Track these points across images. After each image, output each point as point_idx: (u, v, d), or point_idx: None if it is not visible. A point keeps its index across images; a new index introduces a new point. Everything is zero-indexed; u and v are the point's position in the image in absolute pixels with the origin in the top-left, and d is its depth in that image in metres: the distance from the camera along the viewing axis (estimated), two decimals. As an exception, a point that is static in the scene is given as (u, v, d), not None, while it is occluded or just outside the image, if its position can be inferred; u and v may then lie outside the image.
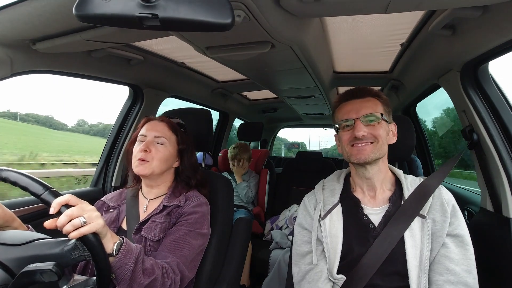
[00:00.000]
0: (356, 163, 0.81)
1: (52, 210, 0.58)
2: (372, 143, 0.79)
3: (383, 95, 0.86)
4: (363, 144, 0.79)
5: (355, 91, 0.85)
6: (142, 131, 0.97)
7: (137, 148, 0.94)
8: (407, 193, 0.80)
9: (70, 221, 0.58)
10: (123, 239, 0.69)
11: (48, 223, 0.60)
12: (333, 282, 0.79)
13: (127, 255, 0.67)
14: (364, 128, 0.79)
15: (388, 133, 0.84)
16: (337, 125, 0.86)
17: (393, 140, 0.86)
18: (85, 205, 0.62)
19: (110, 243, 0.66)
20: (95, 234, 0.61)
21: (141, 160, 0.91)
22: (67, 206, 0.59)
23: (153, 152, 0.92)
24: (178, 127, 1.02)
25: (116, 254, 0.66)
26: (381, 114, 0.81)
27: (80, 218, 0.58)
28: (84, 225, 0.59)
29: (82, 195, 1.50)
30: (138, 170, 0.91)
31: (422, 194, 0.78)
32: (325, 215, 0.84)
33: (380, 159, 0.82)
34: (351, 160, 0.82)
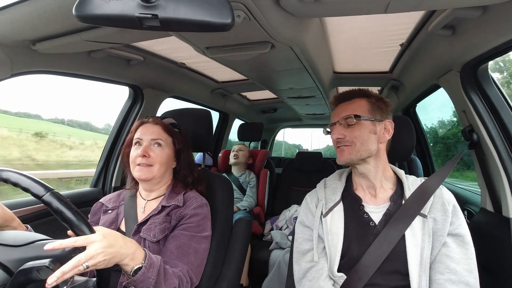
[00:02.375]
0: (339, 164, 0.86)
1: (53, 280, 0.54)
2: (349, 145, 0.82)
3: (373, 94, 0.86)
4: (342, 146, 0.83)
5: (343, 94, 0.88)
6: (137, 134, 0.94)
7: (134, 153, 0.92)
8: (408, 192, 0.80)
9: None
10: (144, 251, 0.69)
11: (48, 247, 0.56)
12: (334, 280, 0.79)
13: (150, 269, 0.67)
14: (341, 131, 0.83)
15: (376, 132, 0.82)
16: (328, 129, 0.90)
17: (387, 137, 0.85)
18: (92, 249, 0.58)
19: (129, 266, 0.66)
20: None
21: (142, 165, 0.90)
22: (78, 249, 0.58)
23: (153, 156, 0.91)
24: (173, 128, 1.00)
25: (140, 269, 0.67)
26: (359, 116, 0.81)
27: (84, 265, 0.56)
28: (86, 269, 0.57)
29: (82, 196, 1.52)
30: (139, 175, 0.90)
31: (423, 194, 0.79)
32: (327, 213, 0.84)
33: (371, 158, 0.82)
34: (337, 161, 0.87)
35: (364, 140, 0.81)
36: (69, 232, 0.61)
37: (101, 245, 0.59)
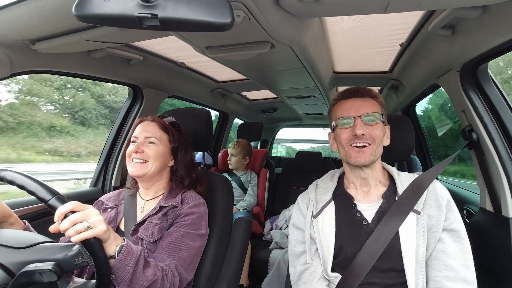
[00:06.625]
0: (354, 165, 0.81)
1: (56, 219, 0.59)
2: (370, 144, 0.79)
3: (380, 97, 0.86)
4: (362, 145, 0.78)
5: (356, 90, 0.84)
6: (135, 132, 0.97)
7: (129, 150, 0.94)
8: (401, 188, 0.80)
9: (73, 225, 0.59)
10: (124, 240, 0.69)
11: (53, 228, 0.61)
12: (329, 281, 0.79)
13: (127, 256, 0.67)
14: (364, 127, 0.78)
15: (384, 134, 0.83)
16: (334, 122, 0.85)
17: (387, 142, 0.85)
18: (90, 210, 0.62)
19: (113, 245, 0.66)
20: (97, 239, 0.61)
21: (136, 162, 0.91)
22: (72, 212, 0.60)
23: (146, 151, 0.92)
24: (170, 126, 1.00)
25: (118, 256, 0.66)
26: (381, 115, 0.81)
27: (84, 222, 0.59)
28: (87, 230, 0.59)
29: (81, 195, 1.52)
30: (131, 171, 0.91)
31: (416, 190, 0.78)
32: (318, 214, 0.84)
33: (376, 160, 0.82)
34: (350, 161, 0.81)
35: (380, 141, 0.80)
36: (51, 228, 0.62)
37: (100, 216, 0.64)
